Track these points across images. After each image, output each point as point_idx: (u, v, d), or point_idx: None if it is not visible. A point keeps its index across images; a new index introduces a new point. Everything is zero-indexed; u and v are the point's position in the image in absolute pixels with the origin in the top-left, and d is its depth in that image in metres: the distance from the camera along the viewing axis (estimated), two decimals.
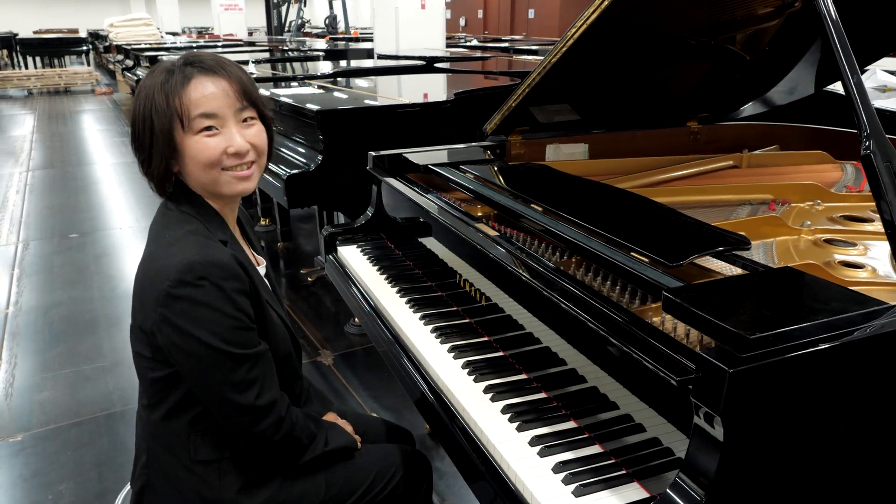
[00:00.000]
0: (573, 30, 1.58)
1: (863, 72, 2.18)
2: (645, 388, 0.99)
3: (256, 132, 1.16)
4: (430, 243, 1.70)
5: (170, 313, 1.03)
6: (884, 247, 1.36)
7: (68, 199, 5.36)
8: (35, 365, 2.78)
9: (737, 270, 1.09)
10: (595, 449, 1.02)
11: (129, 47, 9.65)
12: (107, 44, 13.33)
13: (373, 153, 1.94)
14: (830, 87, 2.23)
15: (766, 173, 1.97)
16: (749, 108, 2.26)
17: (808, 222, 1.51)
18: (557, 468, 0.98)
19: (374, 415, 2.38)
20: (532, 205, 1.41)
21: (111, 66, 12.49)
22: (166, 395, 1.12)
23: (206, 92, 1.09)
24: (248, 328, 1.08)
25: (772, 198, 1.72)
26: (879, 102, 2.71)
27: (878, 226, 1.49)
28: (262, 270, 1.27)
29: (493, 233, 1.39)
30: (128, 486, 1.25)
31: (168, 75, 1.08)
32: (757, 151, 2.12)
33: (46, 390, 2.57)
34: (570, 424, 1.08)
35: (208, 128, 1.10)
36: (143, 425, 1.19)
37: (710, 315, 0.85)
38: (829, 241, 1.42)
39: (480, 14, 17.79)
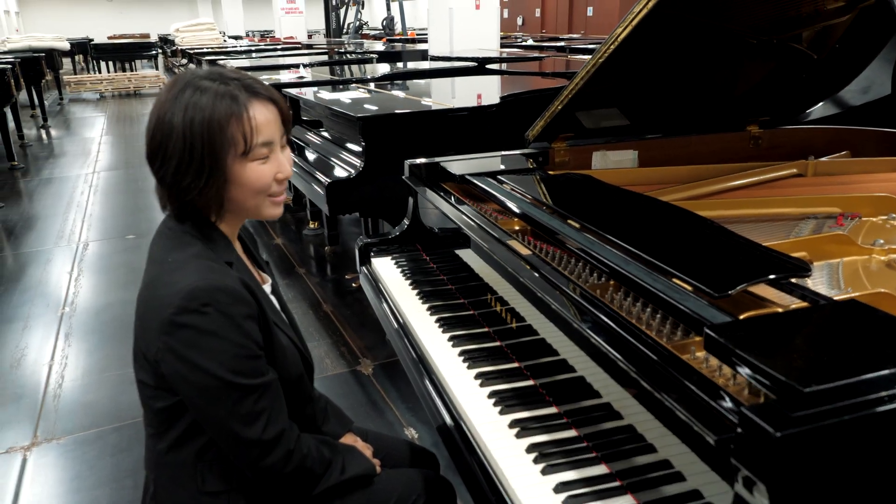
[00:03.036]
0: (619, 29, 1.47)
1: None
2: (687, 433, 0.88)
3: (290, 156, 1.14)
4: (467, 255, 1.63)
5: (174, 342, 0.98)
6: None
7: (129, 200, 5.54)
8: (84, 366, 2.85)
9: (795, 301, 0.97)
10: (628, 500, 0.92)
11: (192, 51, 9.95)
12: (174, 48, 13.82)
13: (409, 162, 1.88)
14: None
15: (835, 182, 1.80)
16: (817, 111, 2.09)
17: (881, 241, 1.36)
18: None
19: (410, 429, 2.32)
20: (569, 221, 1.31)
21: (176, 70, 12.96)
22: (172, 424, 1.08)
23: (265, 119, 1.07)
24: (257, 356, 1.03)
25: (839, 211, 1.56)
26: None
27: None
28: (267, 289, 1.22)
29: (525, 251, 1.30)
30: None
31: (221, 99, 1.03)
32: (824, 158, 1.95)
33: (91, 392, 2.62)
34: (602, 469, 0.98)
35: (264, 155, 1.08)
36: (149, 454, 1.15)
37: (758, 360, 0.74)
38: None
39: (538, 13, 17.57)
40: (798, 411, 0.66)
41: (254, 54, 8.39)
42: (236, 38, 16.18)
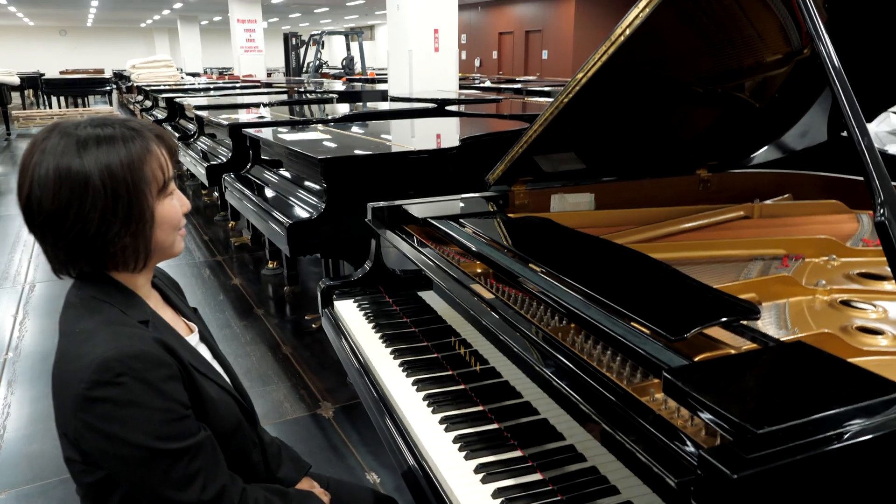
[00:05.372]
0: (579, 75, 1.53)
1: (876, 116, 2.12)
2: (648, 475, 0.90)
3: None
4: (430, 297, 1.64)
5: (91, 418, 0.93)
6: None
7: None
8: (28, 415, 2.72)
9: (746, 343, 1.01)
10: None
11: (148, 88, 9.85)
12: (129, 84, 13.67)
13: (371, 205, 1.90)
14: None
15: (779, 224, 1.89)
16: (761, 155, 2.20)
17: (823, 281, 1.43)
18: None
19: (372, 473, 2.29)
20: (530, 265, 1.34)
21: (131, 107, 12.77)
22: (106, 497, 1.03)
23: (167, 156, 1.07)
24: (183, 416, 0.99)
25: (785, 253, 1.64)
26: (894, 148, 2.64)
27: None
28: (194, 339, 1.18)
29: (488, 294, 1.32)
30: None
31: (131, 141, 1.02)
32: (769, 201, 2.05)
33: (36, 443, 2.51)
34: None
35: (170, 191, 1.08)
36: None
37: (714, 402, 0.77)
38: (845, 303, 1.34)
39: (495, 55, 18.06)
40: (752, 453, 0.69)
41: (212, 92, 8.35)
42: (194, 75, 16.11)
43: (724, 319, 1.02)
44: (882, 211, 0.95)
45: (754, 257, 1.61)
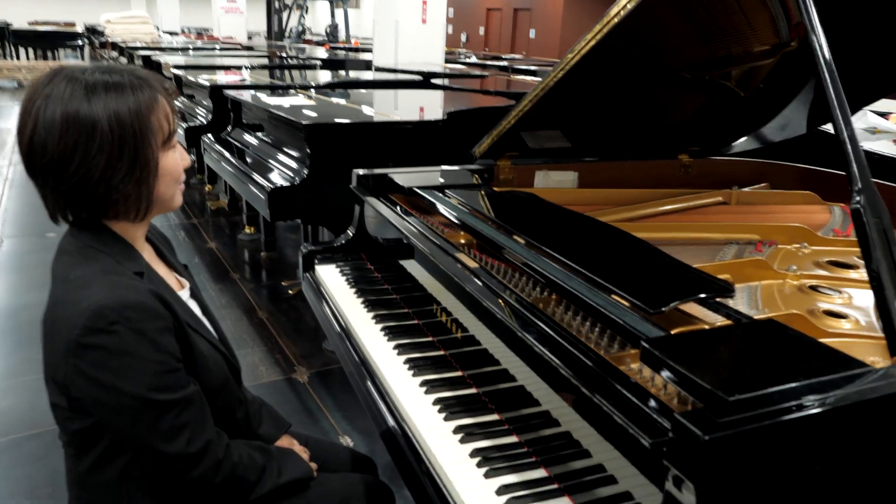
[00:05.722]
0: (570, 55, 1.55)
1: (854, 113, 2.18)
2: (619, 438, 0.94)
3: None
4: (411, 266, 1.66)
5: (83, 364, 0.94)
6: (868, 295, 1.34)
7: None
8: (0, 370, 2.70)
9: (720, 319, 1.06)
10: (564, 502, 0.97)
11: (124, 45, 9.58)
12: (103, 40, 13.26)
13: (357, 171, 1.90)
14: (824, 126, 2.21)
15: (755, 212, 1.95)
16: (741, 144, 2.24)
17: (794, 266, 1.49)
18: None
19: (345, 439, 2.32)
20: (514, 236, 1.37)
21: (105, 63, 12.44)
22: (92, 445, 1.04)
23: (170, 108, 1.07)
24: (175, 369, 1.00)
25: (759, 238, 1.69)
26: (868, 145, 2.71)
27: (863, 273, 1.47)
28: (185, 294, 1.19)
29: (472, 264, 1.34)
30: None
31: (139, 89, 1.01)
32: (746, 189, 2.10)
33: (7, 398, 2.49)
34: (541, 473, 1.03)
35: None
36: (70, 475, 1.10)
37: (689, 371, 0.81)
38: (813, 288, 1.40)
39: (482, 31, 17.90)
40: (723, 417, 0.73)
41: (191, 52, 8.16)
42: (171, 34, 15.68)
43: (700, 296, 1.06)
44: (858, 198, 0.99)
45: (730, 241, 1.66)
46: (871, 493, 0.85)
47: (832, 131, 1.14)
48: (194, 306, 1.20)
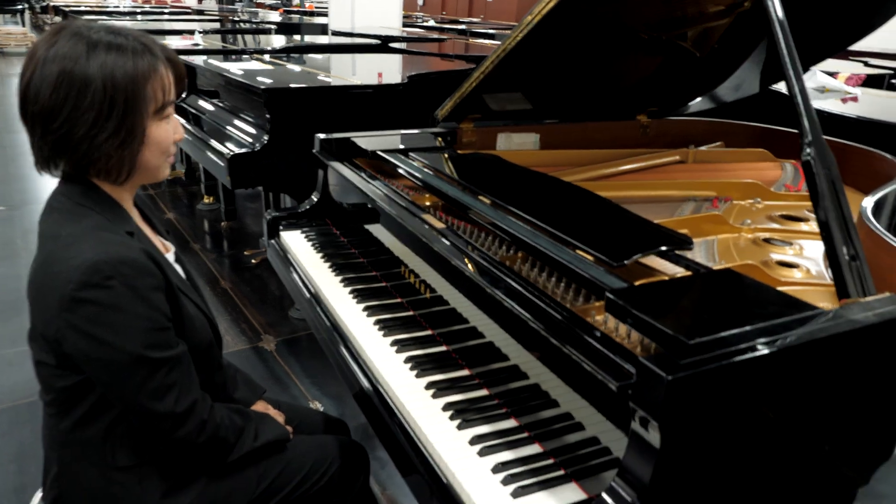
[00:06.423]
0: (529, 17, 1.55)
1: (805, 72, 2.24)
2: (586, 387, 0.98)
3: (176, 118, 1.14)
4: (377, 231, 1.66)
5: (76, 319, 0.94)
6: (818, 246, 1.40)
7: None
8: None
9: (680, 270, 1.10)
10: (535, 448, 1.01)
11: (67, 9, 9.15)
12: (44, 3, 12.60)
13: (320, 136, 1.88)
14: (775, 86, 2.27)
15: (711, 169, 2.00)
16: (697, 104, 2.29)
17: (749, 221, 1.54)
18: (497, 469, 0.97)
19: (315, 404, 2.34)
20: (479, 197, 1.38)
21: (47, 28, 11.84)
22: (76, 403, 1.04)
23: (171, 78, 1.07)
24: (165, 328, 1.01)
25: (715, 195, 1.75)
26: (818, 103, 2.79)
27: (813, 225, 1.54)
28: (171, 257, 1.19)
29: (439, 224, 1.36)
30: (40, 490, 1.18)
31: (141, 55, 1.00)
32: (703, 147, 2.16)
33: None
34: (511, 423, 1.07)
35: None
36: (50, 435, 1.10)
37: (652, 318, 0.84)
38: (767, 241, 1.46)
39: None
40: (685, 359, 0.77)
41: (139, 17, 7.84)
42: None
43: (661, 248, 1.10)
44: (809, 150, 1.03)
45: (687, 198, 1.71)
46: (824, 426, 0.91)
47: (784, 91, 1.17)
48: (179, 270, 1.20)
